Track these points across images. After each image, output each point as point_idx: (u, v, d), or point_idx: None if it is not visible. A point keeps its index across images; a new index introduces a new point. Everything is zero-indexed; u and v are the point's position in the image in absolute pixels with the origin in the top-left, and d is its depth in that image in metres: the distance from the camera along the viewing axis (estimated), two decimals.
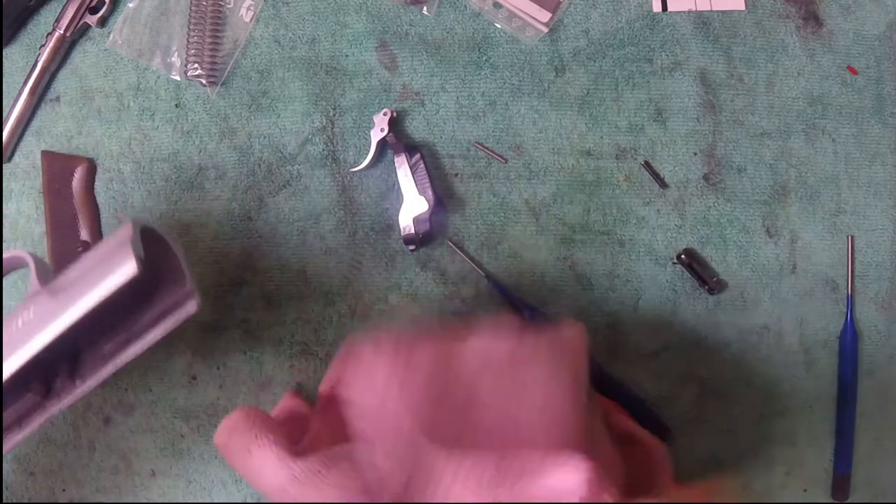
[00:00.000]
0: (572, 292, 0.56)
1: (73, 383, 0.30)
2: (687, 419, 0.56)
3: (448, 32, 0.56)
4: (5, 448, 0.31)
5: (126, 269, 0.27)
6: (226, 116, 0.56)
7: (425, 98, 0.56)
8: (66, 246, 0.56)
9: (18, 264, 0.35)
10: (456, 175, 0.56)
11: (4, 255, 0.35)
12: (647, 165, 0.56)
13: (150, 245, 0.30)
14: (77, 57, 0.57)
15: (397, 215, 0.54)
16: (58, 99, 0.57)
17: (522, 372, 0.40)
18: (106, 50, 0.56)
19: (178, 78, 0.56)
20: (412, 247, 0.54)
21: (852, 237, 0.56)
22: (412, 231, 0.54)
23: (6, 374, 0.28)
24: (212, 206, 0.56)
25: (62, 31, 0.55)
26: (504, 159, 0.56)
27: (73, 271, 0.30)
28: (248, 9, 0.56)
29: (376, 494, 0.33)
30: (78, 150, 0.57)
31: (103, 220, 0.56)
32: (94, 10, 0.56)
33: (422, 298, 0.56)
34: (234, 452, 0.34)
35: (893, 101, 0.57)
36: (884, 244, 0.57)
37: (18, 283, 0.56)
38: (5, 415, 0.31)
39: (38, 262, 0.33)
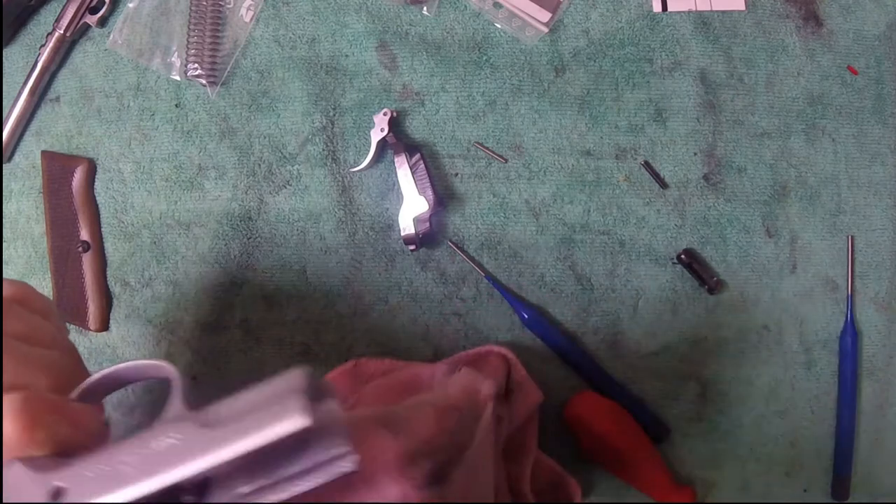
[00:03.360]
0: (572, 292, 0.56)
1: None
2: (687, 419, 0.56)
3: (448, 32, 0.56)
4: None
5: (296, 421, 0.26)
6: (226, 116, 0.56)
7: (425, 98, 0.56)
8: (66, 246, 0.56)
9: (160, 375, 0.33)
10: (456, 175, 0.56)
11: (147, 362, 0.33)
12: (647, 165, 0.56)
13: (313, 394, 0.28)
14: (77, 57, 0.57)
15: (397, 215, 0.54)
16: (58, 99, 0.57)
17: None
18: (106, 50, 0.56)
19: (178, 78, 0.56)
20: (412, 247, 0.54)
21: (852, 237, 0.56)
22: (412, 231, 0.54)
23: (133, 496, 0.27)
24: (212, 206, 0.56)
25: (62, 31, 0.55)
26: (504, 159, 0.56)
27: (229, 407, 0.29)
28: (248, 9, 0.56)
29: None
30: (78, 150, 0.57)
31: (103, 220, 0.56)
32: (94, 10, 0.56)
33: (422, 298, 0.56)
34: None
35: (893, 101, 0.57)
36: (884, 244, 0.57)
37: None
38: None
39: (185, 381, 0.32)
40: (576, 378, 0.55)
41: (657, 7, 0.56)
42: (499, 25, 0.56)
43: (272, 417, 0.26)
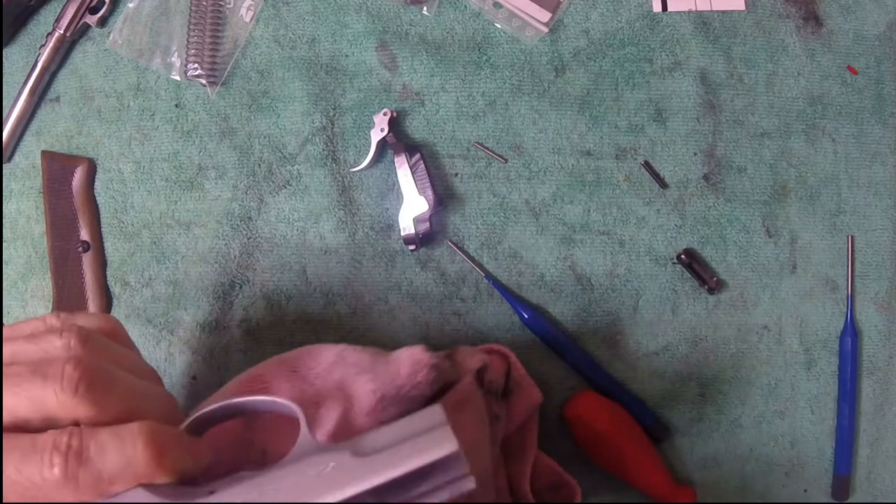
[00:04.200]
0: (572, 292, 0.56)
1: None
2: (687, 419, 0.56)
3: (448, 32, 0.56)
4: None
5: (448, 447, 0.29)
6: (226, 116, 0.56)
7: (425, 98, 0.56)
8: (66, 246, 0.56)
9: (280, 411, 0.35)
10: (456, 175, 0.56)
11: (267, 399, 0.34)
12: (647, 165, 0.56)
13: None
14: (77, 57, 0.57)
15: (397, 215, 0.54)
16: (58, 99, 0.57)
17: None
18: (106, 50, 0.56)
19: (178, 78, 0.56)
20: (412, 247, 0.54)
21: (852, 237, 0.56)
22: (412, 231, 0.54)
23: None
24: (212, 206, 0.56)
25: (62, 31, 0.55)
26: (504, 159, 0.56)
27: (378, 438, 0.31)
28: (248, 9, 0.56)
29: None
30: (78, 150, 0.57)
31: (103, 220, 0.56)
32: (94, 10, 0.56)
33: (422, 298, 0.56)
34: None
35: (893, 101, 0.57)
36: (884, 244, 0.57)
37: (18, 284, 0.56)
38: None
39: (306, 418, 0.34)
40: (576, 378, 0.55)
41: (657, 7, 0.56)
42: (499, 25, 0.56)
43: (425, 446, 0.29)
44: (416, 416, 0.32)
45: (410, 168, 0.54)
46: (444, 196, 0.56)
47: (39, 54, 0.55)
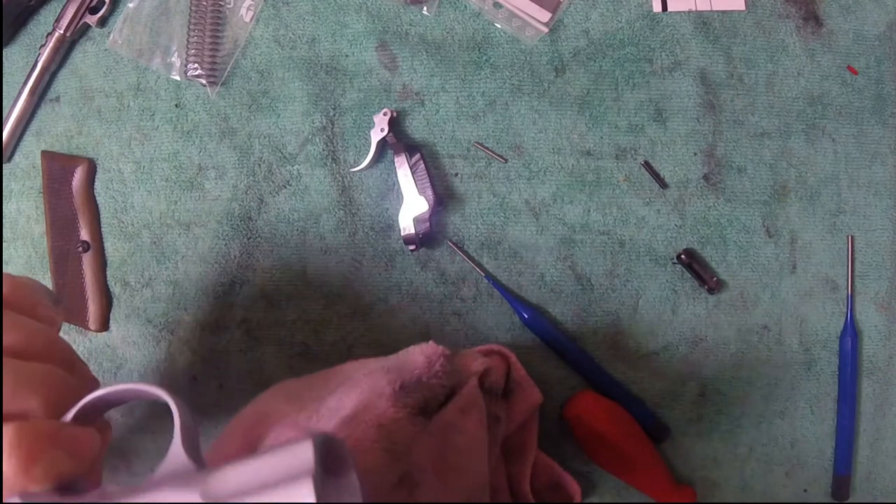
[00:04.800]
0: (572, 292, 0.56)
1: None
2: (687, 419, 0.56)
3: (448, 32, 0.56)
4: None
5: (302, 494, 0.25)
6: (226, 116, 0.56)
7: (425, 98, 0.56)
8: (66, 246, 0.56)
9: (153, 398, 0.31)
10: (456, 175, 0.56)
11: (147, 387, 0.31)
12: (647, 165, 0.56)
13: (327, 462, 0.28)
14: (77, 57, 0.57)
15: (397, 215, 0.54)
16: (58, 99, 0.57)
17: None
18: (106, 50, 0.56)
19: (178, 78, 0.56)
20: (412, 247, 0.54)
21: (852, 237, 0.56)
22: (412, 231, 0.54)
23: None
24: (212, 206, 0.56)
25: (62, 31, 0.55)
26: (504, 159, 0.56)
27: (232, 479, 0.27)
28: (248, 9, 0.56)
29: None
30: (78, 150, 0.57)
31: (103, 220, 0.56)
32: (94, 10, 0.56)
33: (422, 298, 0.56)
34: None
35: (893, 101, 0.57)
36: (884, 244, 0.57)
37: None
38: None
39: (185, 420, 0.30)
40: (576, 378, 0.55)
41: (657, 7, 0.56)
42: (499, 25, 0.56)
43: (279, 496, 0.26)
44: (282, 451, 0.28)
45: (410, 168, 0.54)
46: (444, 196, 0.56)
47: (39, 54, 0.55)
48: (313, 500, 0.25)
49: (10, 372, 0.28)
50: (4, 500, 0.26)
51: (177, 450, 0.29)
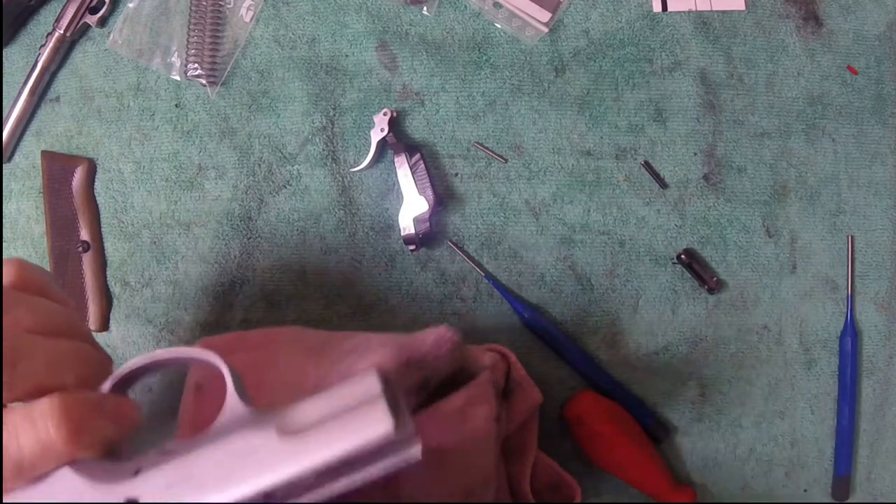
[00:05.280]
0: (572, 292, 0.56)
1: None
2: (687, 419, 0.56)
3: (448, 32, 0.56)
4: None
5: (382, 428, 0.26)
6: (226, 116, 0.56)
7: (425, 98, 0.56)
8: (66, 246, 0.56)
9: (205, 365, 0.31)
10: (456, 175, 0.56)
11: (190, 351, 0.31)
12: (647, 165, 0.56)
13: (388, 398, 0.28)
14: (77, 57, 0.57)
15: (397, 215, 0.54)
16: (58, 99, 0.57)
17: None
18: (106, 50, 0.56)
19: (178, 78, 0.56)
20: (412, 247, 0.54)
21: (852, 237, 0.56)
22: (412, 231, 0.54)
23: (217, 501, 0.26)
24: (212, 206, 0.56)
25: (62, 31, 0.55)
26: (504, 159, 0.56)
27: (307, 412, 0.28)
28: (248, 9, 0.56)
29: None
30: (78, 150, 0.57)
31: (103, 220, 0.56)
32: (94, 10, 0.56)
33: (422, 298, 0.56)
34: None
35: (893, 101, 0.57)
36: (884, 244, 0.57)
37: None
38: None
39: (234, 374, 0.30)
40: (576, 378, 0.55)
41: (657, 7, 0.56)
42: (499, 25, 0.56)
43: (357, 426, 0.26)
44: (349, 384, 0.28)
45: (410, 168, 0.54)
46: (444, 196, 0.56)
47: (39, 54, 0.55)
48: (389, 419, 0.26)
49: (42, 350, 0.28)
50: (58, 471, 0.26)
51: (233, 401, 0.29)
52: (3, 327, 0.28)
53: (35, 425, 0.26)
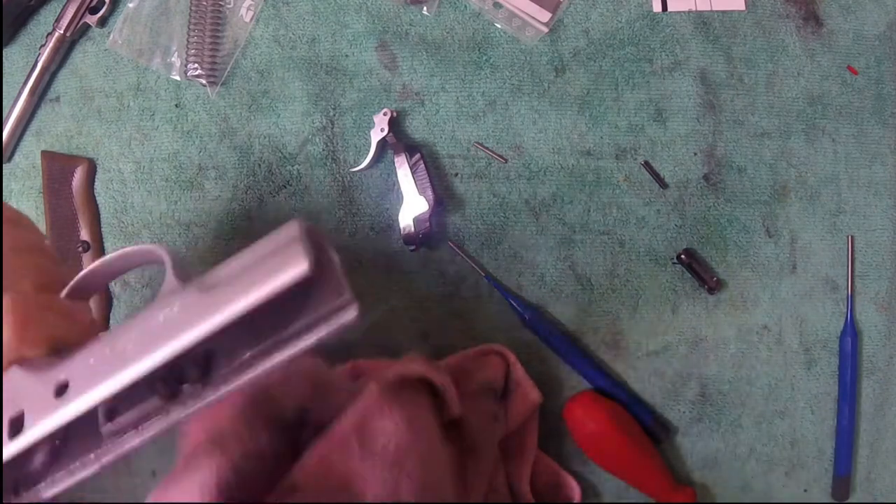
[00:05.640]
0: (572, 292, 0.56)
1: (202, 390, 0.27)
2: (687, 419, 0.56)
3: (448, 32, 0.56)
4: (121, 451, 0.28)
5: (297, 269, 0.25)
6: (226, 116, 0.56)
7: (425, 98, 0.56)
8: (66, 246, 0.56)
9: (150, 259, 0.31)
10: (456, 175, 0.56)
11: (133, 248, 0.32)
12: (647, 165, 0.56)
13: (311, 244, 0.27)
14: (77, 57, 0.57)
15: (397, 215, 0.54)
16: (58, 99, 0.57)
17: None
18: (106, 50, 0.56)
19: (178, 78, 0.56)
20: (412, 247, 0.54)
21: (852, 237, 0.56)
22: (412, 231, 0.54)
23: (139, 373, 0.26)
24: (212, 206, 0.56)
25: (62, 31, 0.55)
26: (504, 159, 0.56)
27: (226, 268, 0.27)
28: (248, 9, 0.56)
29: None
30: (78, 150, 0.57)
31: (103, 220, 0.56)
32: (94, 10, 0.56)
33: (422, 298, 0.56)
34: None
35: (893, 101, 0.57)
36: (884, 244, 0.57)
37: None
38: (125, 417, 0.28)
39: (175, 257, 0.30)
40: (576, 378, 0.55)
41: (657, 7, 0.56)
42: (499, 25, 0.56)
43: (272, 270, 0.25)
44: (270, 236, 0.27)
45: (410, 168, 0.54)
46: (444, 196, 0.56)
47: (39, 54, 0.55)
48: (305, 260, 0.25)
49: (3, 262, 0.30)
50: (4, 368, 0.27)
51: (169, 280, 0.29)
52: None
53: None
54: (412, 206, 0.54)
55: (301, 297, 0.27)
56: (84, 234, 0.56)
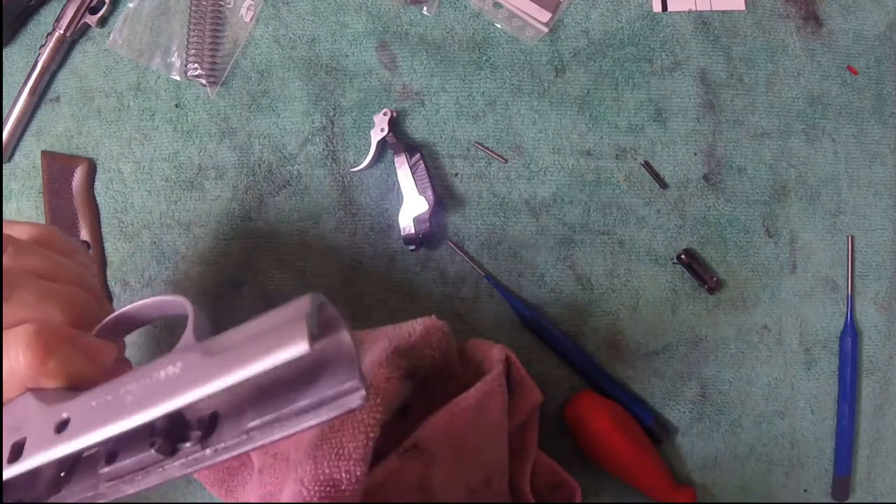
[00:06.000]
0: (572, 292, 0.56)
1: (202, 451, 0.28)
2: (687, 419, 0.56)
3: (448, 32, 0.56)
4: (114, 497, 0.29)
5: (297, 347, 0.25)
6: (226, 116, 0.56)
7: (425, 98, 0.56)
8: None
9: (174, 310, 0.33)
10: (456, 175, 0.56)
11: (163, 297, 0.33)
12: (647, 165, 0.56)
13: (323, 325, 0.28)
14: (77, 57, 0.57)
15: (397, 215, 0.54)
16: (58, 99, 0.57)
17: None
18: (106, 50, 0.56)
19: (178, 78, 0.56)
20: (412, 247, 0.54)
21: (852, 237, 0.56)
22: (412, 231, 0.54)
23: (132, 425, 0.27)
24: (212, 206, 0.56)
25: (62, 31, 0.55)
26: (504, 159, 0.56)
27: (232, 335, 0.28)
28: (248, 9, 0.56)
29: None
30: (78, 150, 0.57)
31: (103, 220, 0.56)
32: (94, 10, 0.56)
33: (422, 298, 0.56)
34: None
35: (893, 101, 0.57)
36: (884, 244, 0.57)
37: None
38: (124, 464, 0.29)
39: (198, 315, 0.31)
40: (576, 378, 0.55)
41: (657, 7, 0.56)
42: (499, 25, 0.56)
43: (272, 344, 0.26)
44: (281, 308, 0.28)
45: (410, 168, 0.54)
46: (443, 196, 0.56)
47: (39, 54, 0.55)
48: (306, 340, 0.25)
49: (37, 288, 0.30)
50: (21, 396, 0.27)
51: (187, 336, 0.30)
52: (10, 266, 0.30)
53: (8, 346, 0.27)
54: (412, 206, 0.54)
55: (312, 371, 0.27)
56: (84, 234, 0.56)
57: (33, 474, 0.28)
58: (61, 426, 0.27)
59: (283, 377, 0.27)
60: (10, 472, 0.27)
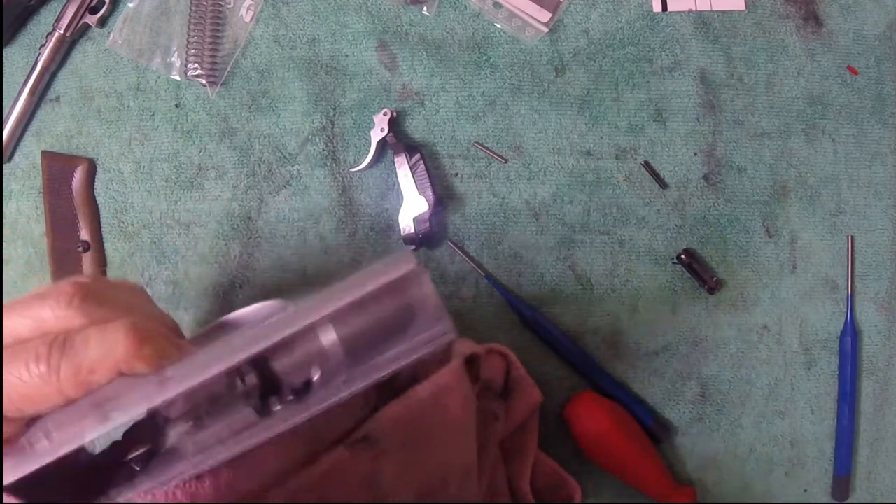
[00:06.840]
0: (572, 292, 0.56)
1: (296, 406, 0.29)
2: (687, 419, 0.56)
3: (448, 32, 0.56)
4: (213, 461, 0.29)
5: (406, 265, 0.28)
6: (226, 116, 0.56)
7: (425, 98, 0.56)
8: (66, 246, 0.56)
9: (273, 313, 0.34)
10: (456, 175, 0.56)
11: (260, 304, 0.35)
12: (647, 165, 0.56)
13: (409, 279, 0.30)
14: (77, 57, 0.57)
15: (397, 215, 0.54)
16: (58, 99, 0.57)
17: None
18: (106, 50, 0.56)
19: (178, 78, 0.56)
20: (412, 247, 0.54)
21: (852, 237, 0.56)
22: (412, 231, 0.54)
23: (249, 354, 0.28)
24: (212, 206, 0.56)
25: (62, 31, 0.55)
26: (504, 159, 0.56)
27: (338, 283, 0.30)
28: (248, 9, 0.56)
29: None
30: (78, 150, 0.57)
31: (103, 220, 0.56)
32: (94, 10, 0.56)
33: None
34: None
35: (893, 101, 0.57)
36: (884, 244, 0.57)
37: (18, 283, 0.56)
38: (218, 428, 0.30)
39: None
40: (576, 378, 0.55)
41: (657, 7, 0.56)
42: (499, 25, 0.56)
43: (383, 270, 0.28)
44: (383, 260, 0.30)
45: (410, 168, 0.54)
46: (444, 196, 0.56)
47: (39, 54, 0.55)
48: (412, 263, 0.28)
49: (128, 303, 0.32)
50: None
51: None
52: (103, 289, 0.31)
53: (105, 333, 0.28)
54: (412, 206, 0.54)
55: (402, 323, 0.29)
56: (84, 234, 0.56)
57: (129, 451, 0.29)
58: (165, 381, 0.28)
59: (375, 332, 0.29)
60: (119, 419, 0.28)
